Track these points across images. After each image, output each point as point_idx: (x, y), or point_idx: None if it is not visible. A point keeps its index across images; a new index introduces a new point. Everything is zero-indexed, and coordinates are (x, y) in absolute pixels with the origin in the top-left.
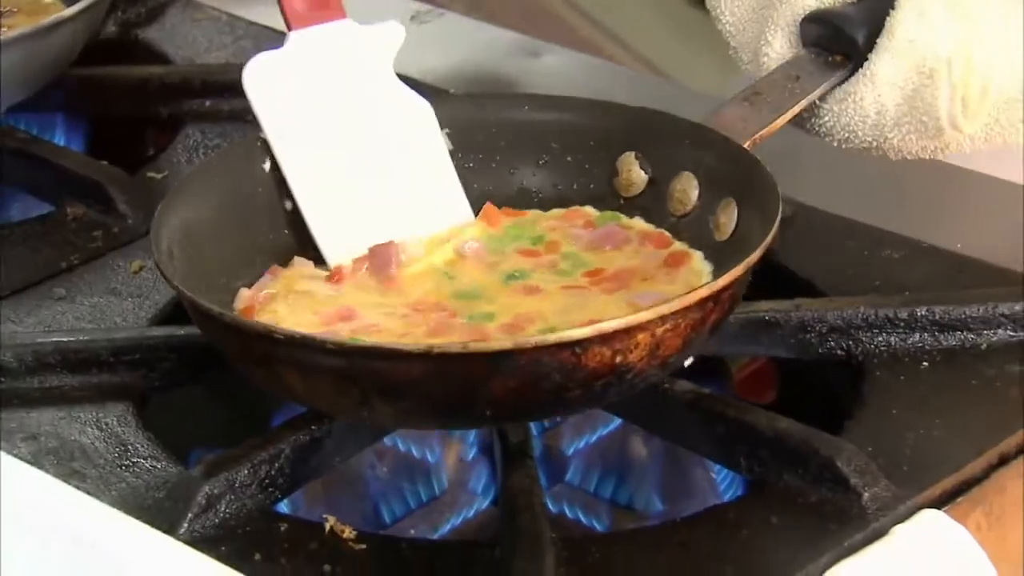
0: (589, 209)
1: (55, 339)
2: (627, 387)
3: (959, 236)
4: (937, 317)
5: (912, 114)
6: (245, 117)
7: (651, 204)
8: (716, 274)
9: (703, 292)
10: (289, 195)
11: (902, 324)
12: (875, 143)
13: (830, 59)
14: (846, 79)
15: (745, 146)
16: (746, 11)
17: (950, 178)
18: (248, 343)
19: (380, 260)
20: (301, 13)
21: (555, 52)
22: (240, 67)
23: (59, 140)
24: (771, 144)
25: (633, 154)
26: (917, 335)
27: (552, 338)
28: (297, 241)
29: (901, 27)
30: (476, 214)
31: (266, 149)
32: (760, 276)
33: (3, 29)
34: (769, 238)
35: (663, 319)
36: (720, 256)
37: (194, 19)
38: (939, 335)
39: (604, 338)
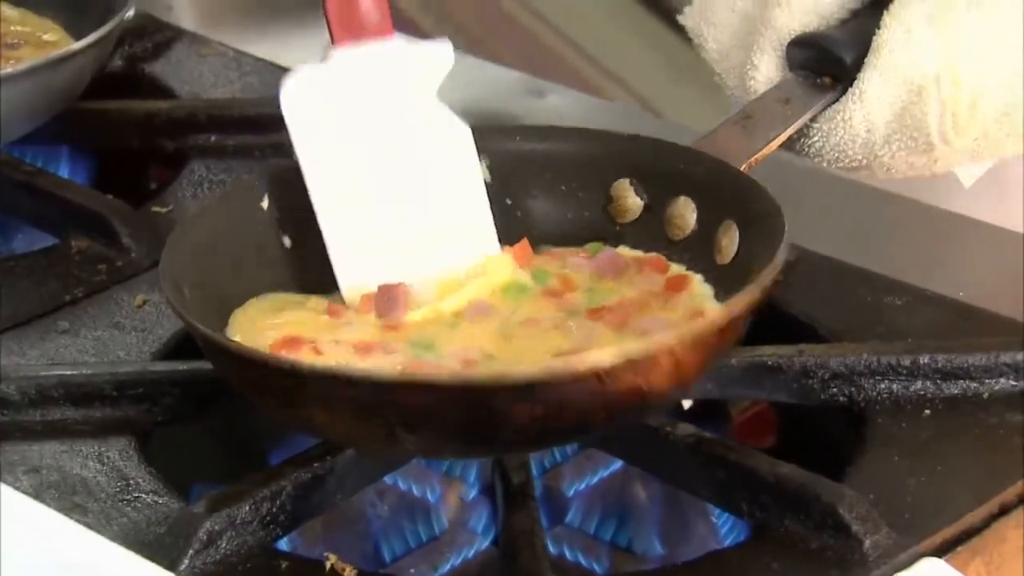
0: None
1: (58, 372)
2: (648, 411)
3: (961, 284)
4: (940, 365)
5: (902, 131)
6: (251, 153)
7: (647, 230)
8: (719, 297)
9: (727, 312)
10: (287, 232)
11: (905, 372)
12: (864, 161)
13: (818, 81)
14: (835, 100)
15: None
16: (730, 37)
17: (953, 226)
18: (270, 379)
19: (388, 302)
20: (348, 29)
21: (559, 92)
22: (245, 103)
23: (64, 173)
24: (774, 187)
25: (627, 180)
26: (919, 383)
27: (579, 365)
28: (295, 278)
29: (888, 46)
30: None
31: (264, 188)
32: (762, 320)
33: (11, 62)
34: (781, 254)
35: (685, 343)
36: (720, 279)
37: (200, 54)
38: (941, 383)
39: (630, 363)
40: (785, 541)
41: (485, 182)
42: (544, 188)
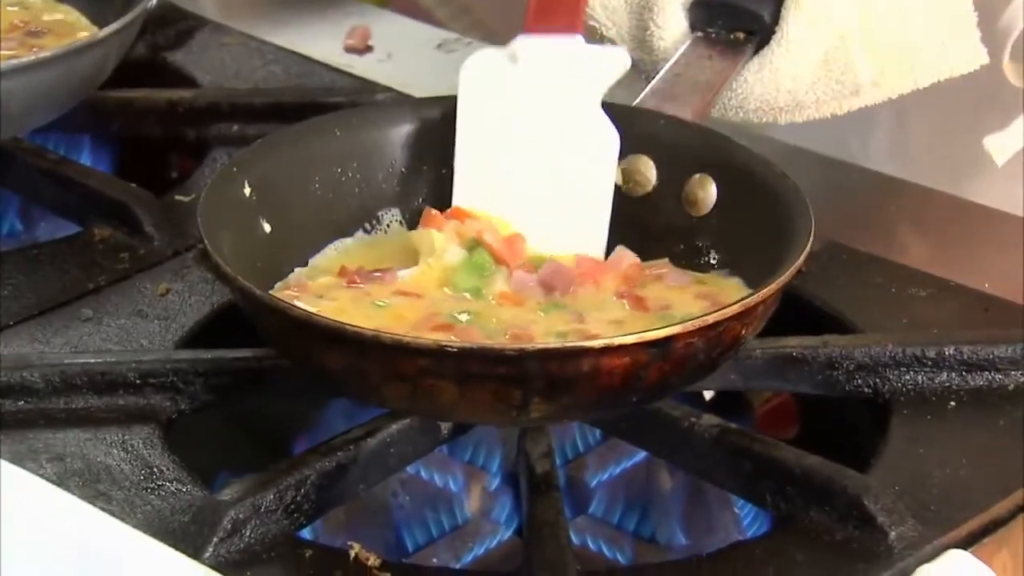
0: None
1: (82, 360)
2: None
3: (987, 275)
4: (965, 357)
5: (828, 76)
6: None
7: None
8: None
9: (790, 273)
10: (266, 218)
11: (930, 363)
12: (788, 108)
13: (731, 37)
14: (754, 54)
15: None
16: (627, 13)
17: (977, 217)
18: (401, 361)
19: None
20: (541, 20)
21: None
22: (267, 92)
23: (86, 161)
24: (802, 179)
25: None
26: (944, 374)
27: (712, 317)
28: (277, 265)
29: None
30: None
31: (243, 174)
32: (787, 311)
33: (34, 50)
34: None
35: (770, 297)
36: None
37: (223, 43)
38: (966, 375)
39: (738, 315)
40: (810, 532)
41: (616, 185)
42: None
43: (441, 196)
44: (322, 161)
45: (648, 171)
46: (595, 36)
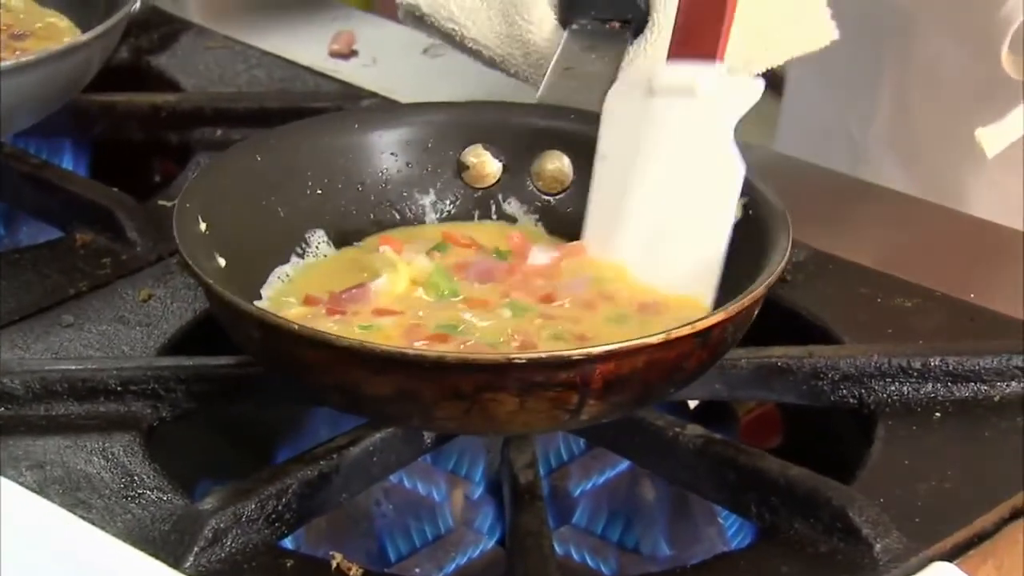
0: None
1: (62, 367)
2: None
3: (971, 286)
4: (951, 367)
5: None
6: None
7: (515, 191)
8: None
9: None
10: (219, 252)
11: (915, 374)
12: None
13: (607, 27)
14: (634, 40)
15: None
16: (491, 15)
17: (963, 227)
18: (456, 379)
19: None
20: (685, 47)
21: None
22: (251, 96)
23: (67, 165)
24: (785, 188)
25: (480, 145)
26: (930, 385)
27: (746, 301)
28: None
29: None
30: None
31: (195, 208)
32: (772, 321)
33: (16, 53)
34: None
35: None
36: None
37: (206, 47)
38: (952, 386)
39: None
40: (794, 544)
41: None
42: (395, 170)
43: (361, 212)
44: (250, 187)
45: (566, 166)
46: (456, 38)
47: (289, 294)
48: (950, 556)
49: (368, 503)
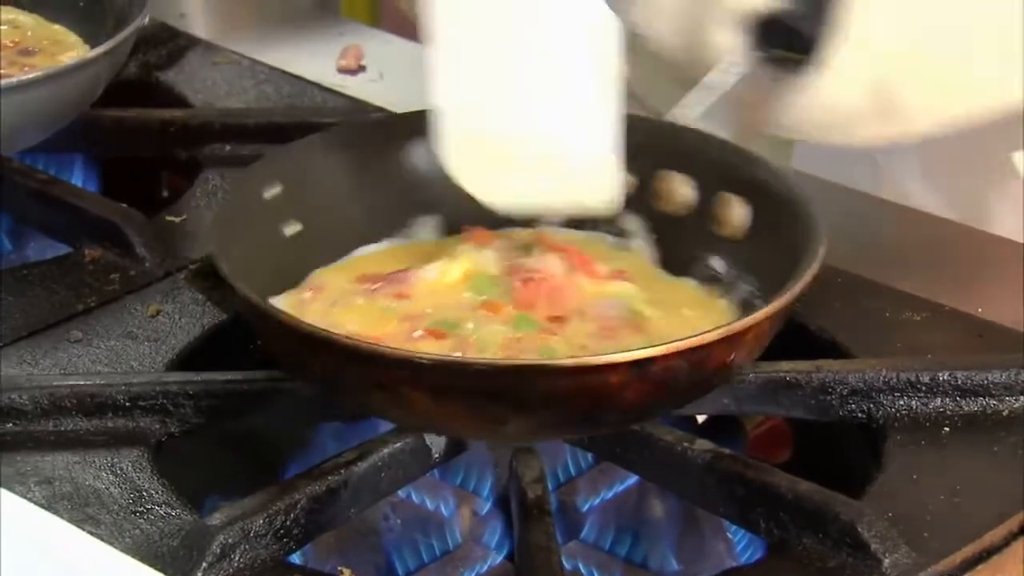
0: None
1: (71, 382)
2: (725, 382)
3: (980, 300)
4: (959, 382)
5: (877, 103)
6: None
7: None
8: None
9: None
10: (289, 221)
11: (924, 388)
12: (835, 133)
13: (784, 58)
14: (800, 74)
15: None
16: (672, 22)
17: (972, 242)
18: (381, 371)
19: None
20: None
21: None
22: (260, 112)
23: (76, 181)
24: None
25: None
26: (938, 400)
27: (694, 341)
28: (301, 267)
29: (856, 21)
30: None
31: (275, 172)
32: (781, 335)
33: (24, 69)
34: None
35: (769, 318)
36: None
37: (214, 63)
38: (960, 400)
39: (728, 339)
40: (803, 559)
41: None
42: None
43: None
44: (357, 165)
45: (684, 189)
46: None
47: (356, 268)
48: (959, 571)
49: (376, 518)
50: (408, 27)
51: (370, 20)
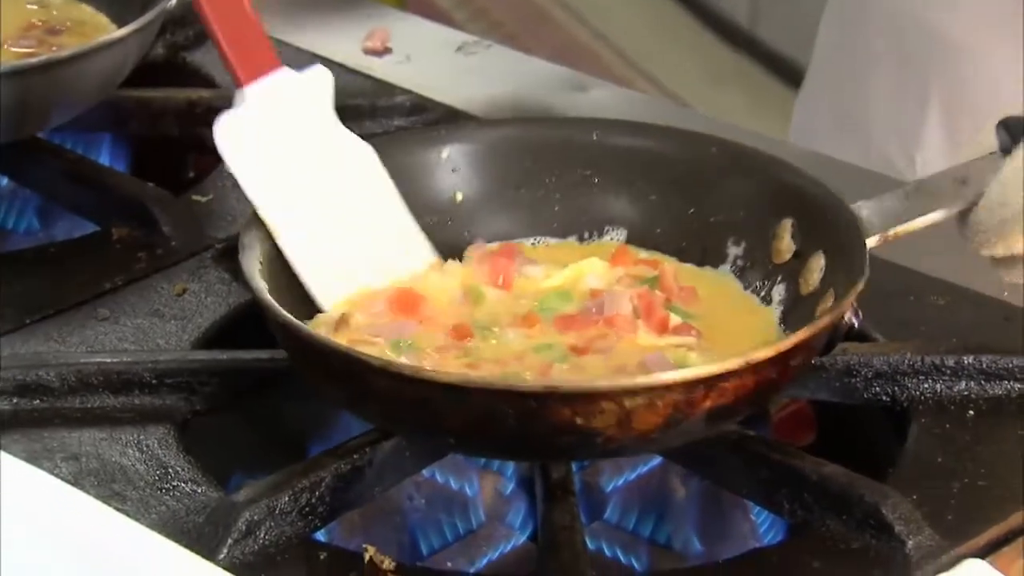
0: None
1: (98, 360)
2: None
3: (1005, 285)
4: (984, 366)
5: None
6: None
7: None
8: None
9: (794, 340)
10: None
11: (949, 372)
12: (1000, 241)
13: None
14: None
15: (878, 236)
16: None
17: None
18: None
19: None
20: (245, 70)
21: (601, 86)
22: None
23: (104, 160)
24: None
25: (791, 221)
26: (963, 383)
27: (690, 374)
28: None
29: None
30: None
31: (445, 144)
32: None
33: (53, 48)
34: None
35: (772, 360)
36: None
37: None
38: (985, 383)
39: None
40: (827, 540)
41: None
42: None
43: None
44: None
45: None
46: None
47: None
48: (983, 553)
49: (400, 497)
50: (434, 10)
51: (397, 2)
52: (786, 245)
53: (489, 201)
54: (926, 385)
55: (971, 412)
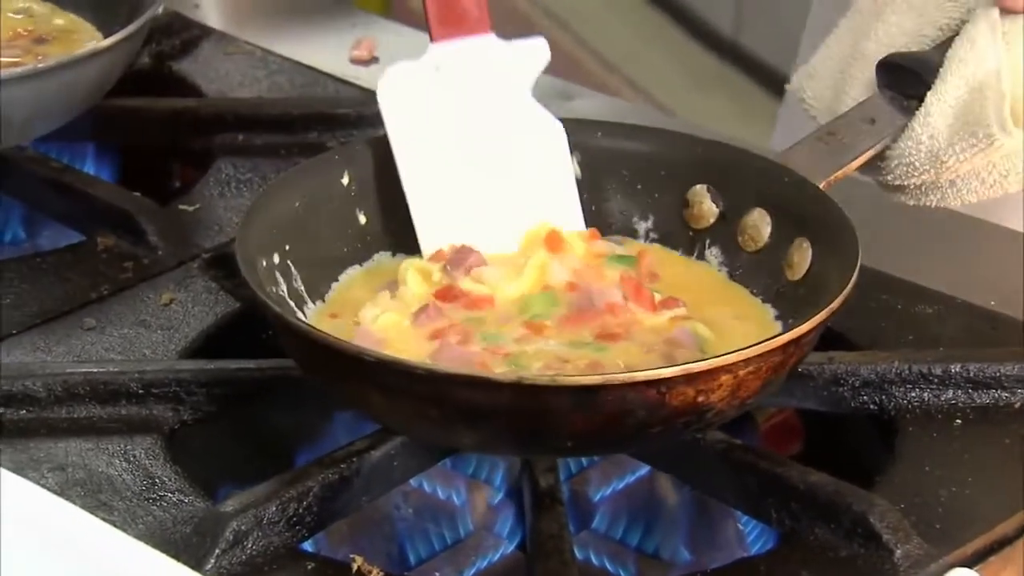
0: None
1: (84, 370)
2: (705, 425)
3: (992, 293)
4: (971, 374)
5: (964, 128)
6: (278, 152)
7: (721, 239)
8: (782, 317)
9: (787, 337)
10: (362, 209)
11: (936, 380)
12: (931, 172)
13: (905, 103)
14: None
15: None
16: (827, 84)
17: (985, 234)
18: (338, 363)
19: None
20: (445, 25)
21: (587, 95)
22: (273, 102)
23: (89, 170)
24: None
25: (705, 187)
26: (951, 392)
27: (640, 376)
28: (365, 252)
29: (954, 58)
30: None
31: (344, 163)
32: None
33: (39, 58)
34: (850, 285)
35: (747, 361)
36: (787, 301)
37: (227, 53)
38: (972, 392)
39: (689, 378)
40: (815, 549)
41: (576, 178)
42: (621, 185)
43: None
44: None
45: (764, 227)
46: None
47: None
48: (970, 562)
49: (388, 507)
50: (420, 18)
51: (382, 11)
52: (707, 209)
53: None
54: (914, 394)
55: (959, 421)
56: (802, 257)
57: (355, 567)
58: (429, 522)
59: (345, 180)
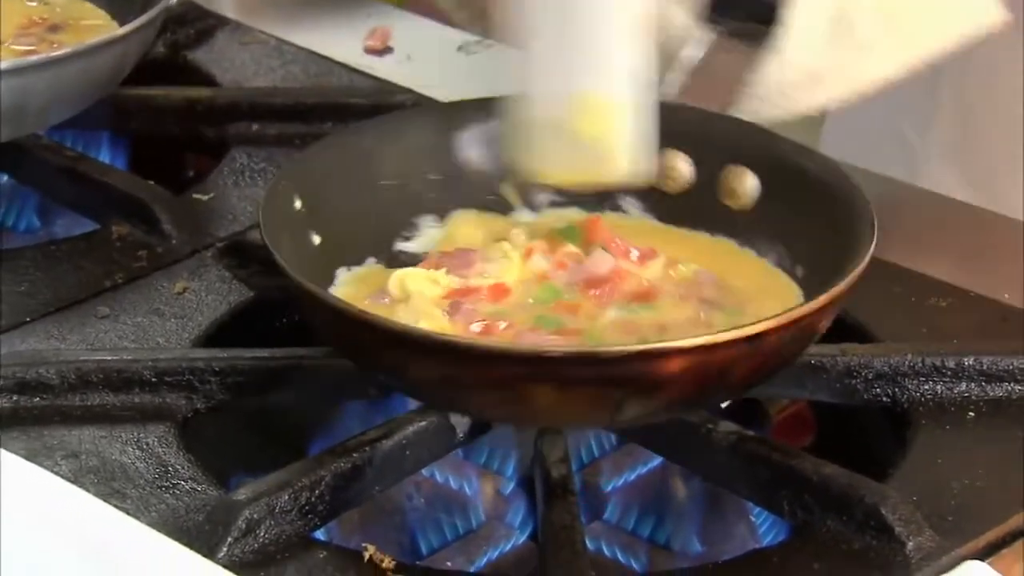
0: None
1: (98, 358)
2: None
3: (1006, 286)
4: (985, 367)
5: (838, 42)
6: (292, 142)
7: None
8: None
9: (824, 300)
10: (316, 231)
11: (949, 373)
12: (806, 87)
13: (747, 27)
14: (765, 42)
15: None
16: None
17: (997, 227)
18: (497, 368)
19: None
20: None
21: None
22: (287, 92)
23: (104, 158)
24: None
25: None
26: (964, 384)
27: (796, 313)
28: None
29: None
30: None
31: (292, 188)
32: None
33: (53, 46)
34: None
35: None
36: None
37: (242, 42)
38: (986, 385)
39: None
40: (827, 541)
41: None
42: None
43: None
44: (362, 169)
45: (683, 166)
46: None
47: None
48: (983, 555)
49: (400, 496)
50: (435, 9)
51: (397, 1)
52: (681, 173)
53: None
54: (926, 386)
55: (971, 413)
56: (740, 183)
57: (367, 556)
58: (441, 512)
59: (298, 204)
